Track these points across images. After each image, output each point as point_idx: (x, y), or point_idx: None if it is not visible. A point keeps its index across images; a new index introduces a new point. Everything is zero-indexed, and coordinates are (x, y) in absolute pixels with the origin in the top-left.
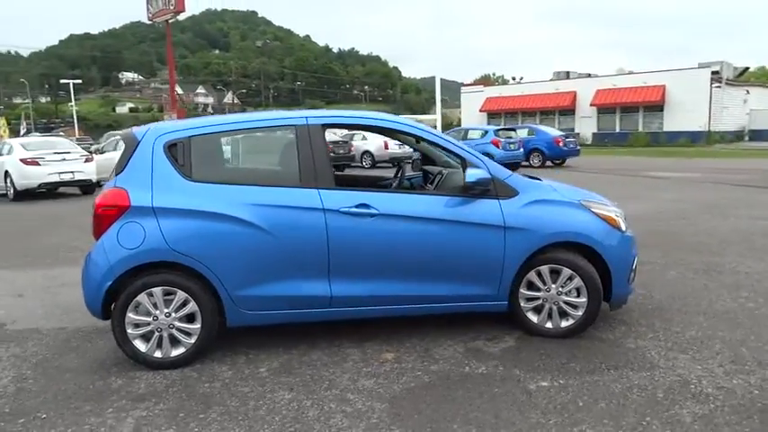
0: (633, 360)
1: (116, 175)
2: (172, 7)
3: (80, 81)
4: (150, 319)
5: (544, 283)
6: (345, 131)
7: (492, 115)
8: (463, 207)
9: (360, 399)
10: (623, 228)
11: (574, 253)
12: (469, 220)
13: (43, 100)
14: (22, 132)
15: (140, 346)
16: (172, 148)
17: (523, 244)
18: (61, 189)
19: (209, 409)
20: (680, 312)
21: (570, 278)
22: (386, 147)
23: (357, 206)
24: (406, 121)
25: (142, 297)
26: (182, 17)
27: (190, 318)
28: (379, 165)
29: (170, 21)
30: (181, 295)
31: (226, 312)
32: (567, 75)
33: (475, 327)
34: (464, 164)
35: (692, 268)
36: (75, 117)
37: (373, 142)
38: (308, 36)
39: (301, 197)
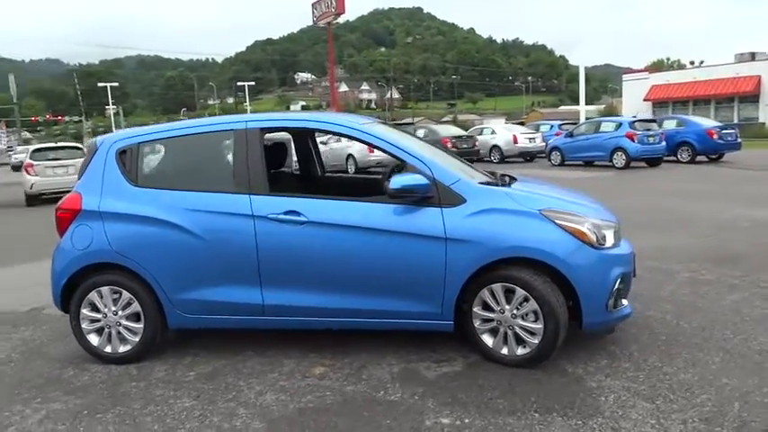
0: (578, 403)
1: (78, 179)
2: (333, 10)
3: (252, 83)
4: (100, 316)
5: (498, 304)
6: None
7: (658, 104)
8: (400, 216)
9: (247, 414)
10: (600, 243)
11: (530, 271)
12: (406, 230)
13: (230, 101)
14: None
15: (93, 340)
16: (122, 155)
17: (468, 258)
18: None
19: (110, 410)
20: (695, 347)
21: (526, 299)
22: (515, 141)
23: (286, 213)
24: (340, 121)
25: (93, 295)
26: (351, 17)
27: (136, 317)
28: (507, 160)
29: (332, 23)
30: (126, 295)
31: (166, 314)
32: (753, 56)
33: (438, 346)
34: (403, 167)
35: (764, 295)
36: None
37: (502, 137)
38: (471, 29)
39: (232, 203)
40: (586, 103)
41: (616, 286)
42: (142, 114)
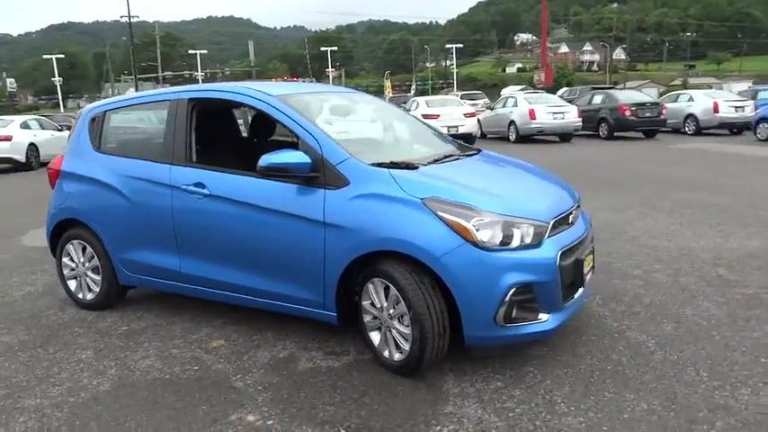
0: (407, 429)
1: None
2: None
3: (460, 45)
4: (74, 266)
5: (379, 301)
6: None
7: None
8: (288, 195)
9: (112, 374)
10: (487, 242)
11: (402, 268)
12: (291, 210)
13: (447, 63)
14: (411, 92)
15: (71, 285)
16: (92, 122)
17: (344, 247)
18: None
19: (34, 348)
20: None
21: (399, 300)
22: (716, 109)
23: (194, 184)
24: (244, 92)
25: (68, 246)
26: None
27: (97, 270)
28: (704, 131)
29: None
30: (89, 250)
31: (115, 270)
32: None
33: (356, 340)
34: (296, 142)
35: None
36: (455, 77)
37: (700, 104)
38: None
39: (157, 172)
40: None
41: (508, 296)
42: (365, 77)
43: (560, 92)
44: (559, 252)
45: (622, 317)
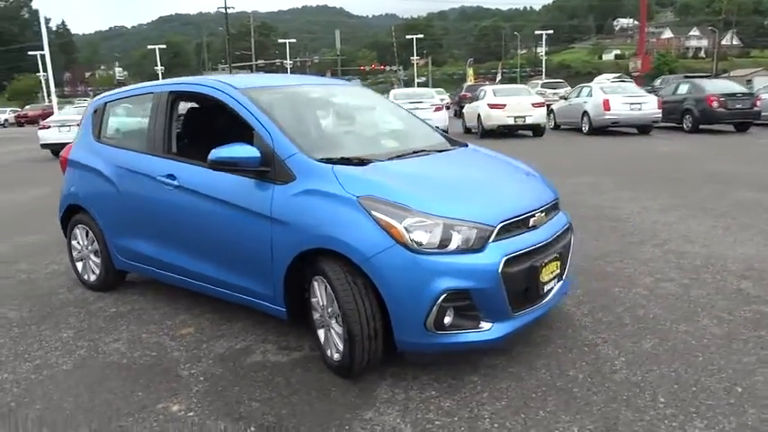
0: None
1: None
2: None
3: (551, 32)
4: (80, 248)
5: (321, 298)
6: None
7: None
8: (243, 189)
9: (79, 354)
10: (421, 244)
11: (337, 266)
12: (242, 204)
13: (538, 50)
14: (497, 80)
15: (79, 266)
16: (94, 114)
17: (288, 243)
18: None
19: (30, 324)
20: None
21: (333, 299)
22: None
23: (167, 176)
24: (209, 84)
25: (75, 230)
26: None
27: (97, 254)
28: None
29: None
30: (91, 234)
31: (111, 255)
32: None
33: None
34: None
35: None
36: (543, 65)
37: None
38: None
39: (141, 162)
40: None
41: (439, 302)
42: (453, 64)
43: (657, 81)
44: (504, 258)
45: (604, 329)
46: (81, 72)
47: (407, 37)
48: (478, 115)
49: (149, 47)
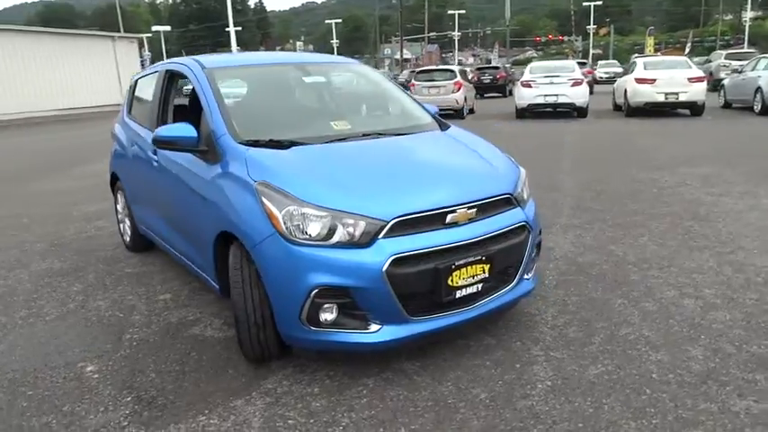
0: (199, 413)
1: None
2: None
3: None
4: (121, 211)
5: None
6: None
7: None
8: (191, 166)
9: (65, 301)
10: (298, 234)
11: (241, 251)
12: (188, 181)
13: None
14: (686, 51)
15: (121, 228)
16: (129, 90)
17: (211, 222)
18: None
19: (64, 276)
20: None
21: None
22: None
23: (152, 151)
24: (190, 65)
25: (117, 195)
26: None
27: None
28: None
29: None
30: (123, 200)
31: (135, 220)
32: None
33: None
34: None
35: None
36: (746, 33)
37: None
38: None
39: (141, 136)
40: None
41: (311, 297)
42: (641, 33)
43: None
44: (392, 257)
45: (559, 346)
46: (273, 46)
47: (585, 3)
48: (625, 91)
49: (326, 21)
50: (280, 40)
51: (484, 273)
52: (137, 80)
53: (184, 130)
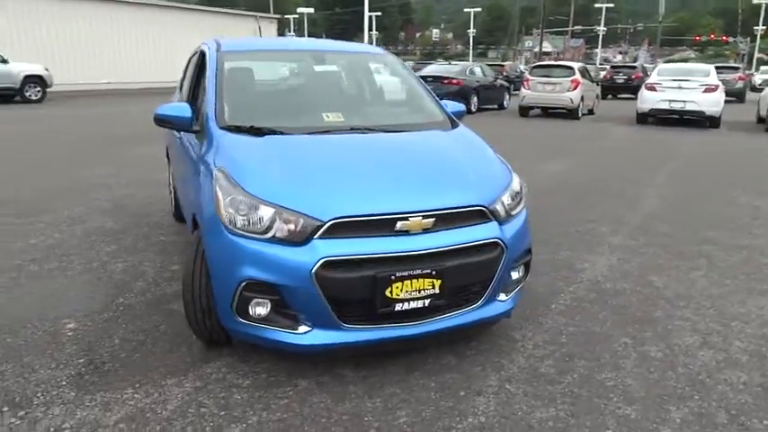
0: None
1: None
2: None
3: None
4: (169, 183)
5: None
6: None
7: None
8: (192, 147)
9: (91, 262)
10: (236, 225)
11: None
12: (188, 162)
13: None
14: None
15: (171, 198)
16: (185, 67)
17: (190, 204)
18: None
19: (111, 236)
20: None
21: None
22: None
23: None
24: (210, 46)
25: (169, 167)
26: None
27: None
28: None
29: None
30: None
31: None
32: None
33: None
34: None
35: None
36: None
37: None
38: None
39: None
40: None
41: (240, 289)
42: None
43: None
44: (322, 260)
45: (510, 376)
46: (413, 32)
47: (756, 1)
48: None
49: (465, 10)
50: (420, 27)
51: (433, 288)
52: (189, 58)
53: (180, 109)
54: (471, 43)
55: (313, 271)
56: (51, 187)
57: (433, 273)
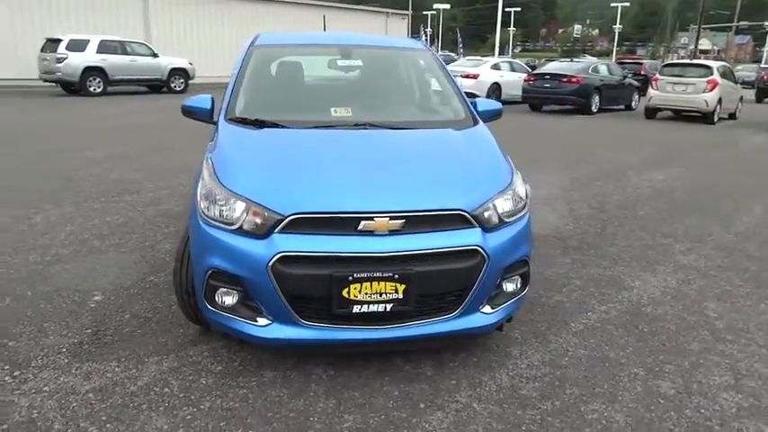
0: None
1: None
2: None
3: None
4: None
5: None
6: None
7: None
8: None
9: (107, 244)
10: (208, 213)
11: None
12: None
13: None
14: None
15: None
16: None
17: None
18: None
19: (164, 221)
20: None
21: None
22: None
23: None
24: (256, 38)
25: None
26: None
27: None
28: None
29: None
30: None
31: None
32: None
33: None
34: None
35: None
36: None
37: None
38: None
39: None
40: None
41: (206, 277)
42: None
43: None
44: (278, 254)
45: (483, 398)
46: (556, 28)
47: None
48: None
49: (612, 4)
50: (564, 23)
51: (396, 293)
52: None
53: (202, 101)
54: (616, 40)
55: (269, 264)
56: (157, 168)
57: (396, 276)
